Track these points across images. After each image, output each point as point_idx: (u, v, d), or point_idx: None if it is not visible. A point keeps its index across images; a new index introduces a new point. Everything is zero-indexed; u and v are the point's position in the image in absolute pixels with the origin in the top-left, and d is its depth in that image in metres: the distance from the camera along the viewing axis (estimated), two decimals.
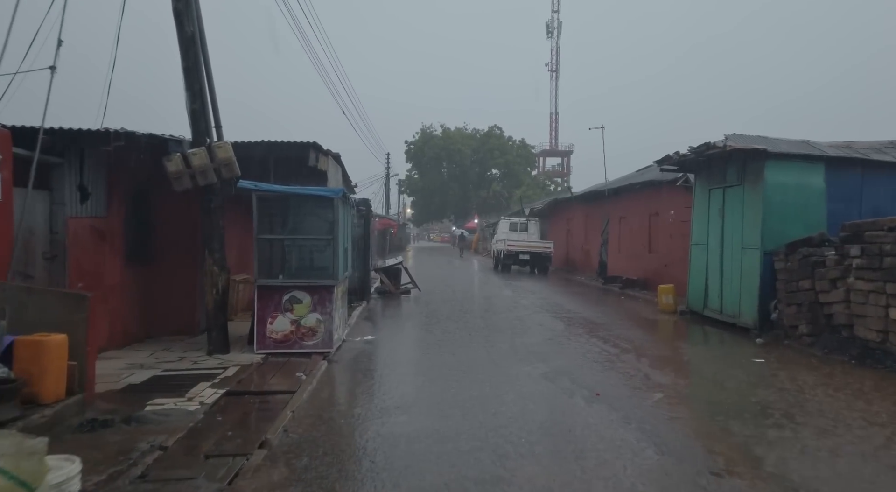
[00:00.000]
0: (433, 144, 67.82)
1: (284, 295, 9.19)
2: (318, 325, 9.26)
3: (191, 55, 8.73)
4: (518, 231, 30.39)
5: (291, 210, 9.41)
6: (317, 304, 9.26)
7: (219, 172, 8.86)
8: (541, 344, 10.12)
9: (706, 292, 12.95)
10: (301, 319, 9.21)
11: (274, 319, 9.17)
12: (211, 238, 9.09)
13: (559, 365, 8.40)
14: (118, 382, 7.30)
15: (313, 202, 9.34)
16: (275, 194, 9.13)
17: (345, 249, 10.41)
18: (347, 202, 10.64)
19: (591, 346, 9.95)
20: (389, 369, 8.51)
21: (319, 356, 9.09)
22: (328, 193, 9.24)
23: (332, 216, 9.24)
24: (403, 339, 11.11)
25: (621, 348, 9.70)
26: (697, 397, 6.85)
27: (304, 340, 9.21)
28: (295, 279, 9.29)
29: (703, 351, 10.26)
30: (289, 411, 6.24)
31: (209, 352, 9.01)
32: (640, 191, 20.20)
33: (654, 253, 19.59)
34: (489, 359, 8.94)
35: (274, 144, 10.13)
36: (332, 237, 9.26)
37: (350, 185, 20.51)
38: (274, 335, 9.16)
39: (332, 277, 9.26)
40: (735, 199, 11.87)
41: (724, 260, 12.22)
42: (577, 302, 16.93)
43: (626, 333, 11.38)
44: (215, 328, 9.09)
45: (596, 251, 25.68)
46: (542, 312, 14.53)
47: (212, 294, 9.07)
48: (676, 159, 12.70)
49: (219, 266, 9.08)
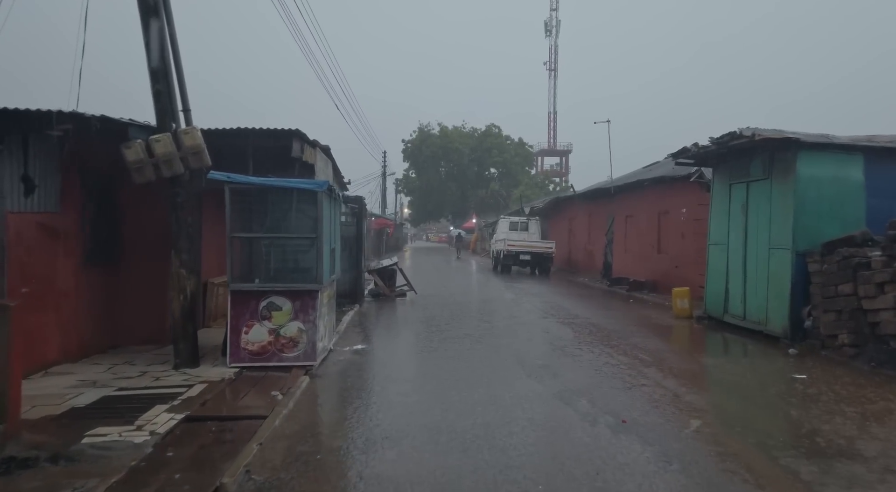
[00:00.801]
0: (431, 143, 66.84)
1: (262, 301, 8.14)
2: (300, 335, 8.20)
3: (153, 29, 7.67)
4: (518, 231, 29.37)
5: (270, 205, 8.35)
6: (298, 311, 8.21)
7: (186, 161, 7.81)
8: (549, 355, 9.07)
9: (726, 296, 11.91)
10: (280, 328, 8.16)
11: (250, 328, 8.12)
12: (178, 237, 8.02)
13: (573, 382, 7.36)
14: (60, 404, 6.23)
15: (294, 196, 8.29)
16: (250, 187, 8.07)
17: (332, 250, 9.36)
18: (335, 198, 9.58)
19: (605, 357, 8.91)
20: (380, 385, 7.45)
21: (301, 370, 8.04)
22: (311, 185, 8.18)
23: (316, 212, 8.19)
24: (397, 348, 10.06)
25: (640, 360, 8.66)
26: (742, 424, 5.79)
27: (283, 351, 8.16)
28: (274, 283, 8.24)
29: (733, 364, 9.20)
30: (255, 445, 5.18)
31: (175, 366, 7.95)
32: (649, 188, 19.17)
33: (664, 253, 18.55)
34: (493, 373, 7.89)
35: (251, 132, 9.07)
36: (316, 236, 8.20)
37: (342, 181, 19.45)
38: (249, 347, 8.10)
39: (315, 280, 8.21)
40: (760, 194, 10.83)
41: (747, 261, 11.18)
42: (583, 306, 15.88)
43: (642, 341, 10.33)
44: (182, 339, 8.02)
45: (600, 251, 24.65)
46: (547, 316, 13.49)
47: (178, 300, 8.00)
48: (695, 152, 11.66)
49: (187, 268, 8.01)
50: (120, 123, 7.64)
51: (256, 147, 10.12)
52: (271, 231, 8.37)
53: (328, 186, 8.35)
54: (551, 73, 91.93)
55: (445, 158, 67.30)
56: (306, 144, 10.61)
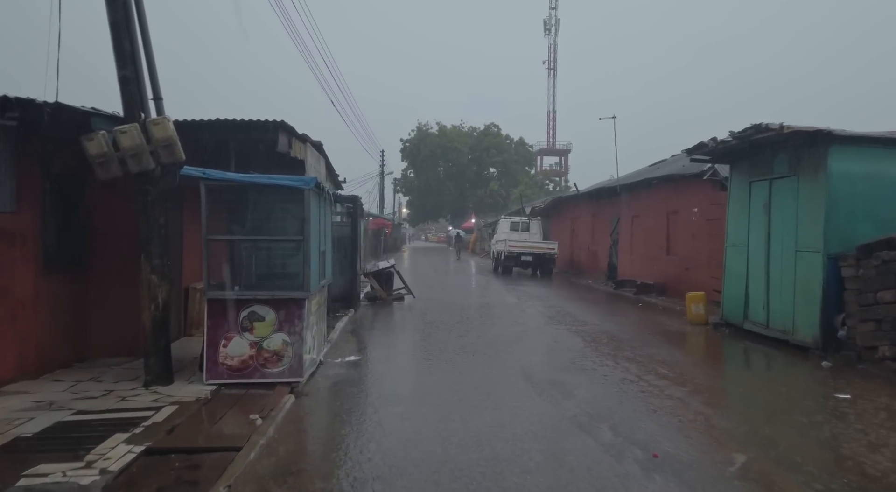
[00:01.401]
0: (429, 142, 66.06)
1: (242, 311, 7.33)
2: (285, 348, 7.40)
3: (119, 5, 6.85)
4: (519, 231, 28.58)
5: (251, 205, 7.55)
6: (283, 321, 7.40)
7: (157, 155, 7.00)
8: (561, 369, 8.26)
9: (746, 302, 11.11)
10: (263, 340, 7.35)
11: (229, 340, 7.30)
12: (149, 239, 7.21)
13: (590, 402, 6.55)
14: (4, 433, 5.42)
15: (278, 195, 7.48)
16: (228, 184, 7.26)
17: (322, 253, 8.55)
18: (325, 196, 8.77)
19: (622, 372, 8.11)
20: (373, 406, 6.64)
21: (286, 388, 7.24)
22: (296, 182, 7.36)
23: (303, 212, 7.38)
24: (393, 360, 9.25)
25: (661, 376, 7.86)
26: (793, 460, 4.94)
27: (266, 366, 7.35)
28: (255, 291, 7.43)
29: (764, 379, 8.34)
30: (222, 489, 4.38)
31: (146, 383, 7.14)
32: (657, 187, 18.36)
33: (673, 255, 17.75)
34: (499, 392, 7.09)
35: (231, 124, 8.26)
36: (303, 238, 7.39)
37: (337, 180, 18.63)
38: (228, 362, 7.29)
39: (302, 287, 7.40)
40: (786, 192, 10.03)
41: (770, 264, 10.38)
42: (590, 311, 15.08)
43: (659, 352, 9.53)
44: (154, 354, 7.21)
45: (604, 253, 23.85)
46: (554, 323, 12.68)
47: (149, 310, 7.19)
48: (712, 147, 10.86)
49: (158, 275, 7.20)
50: (80, 111, 6.83)
51: (240, 142, 9.34)
52: (253, 233, 7.57)
53: (316, 183, 7.54)
54: (550, 72, 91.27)
55: (444, 158, 66.54)
56: (295, 139, 9.80)
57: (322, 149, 13.55)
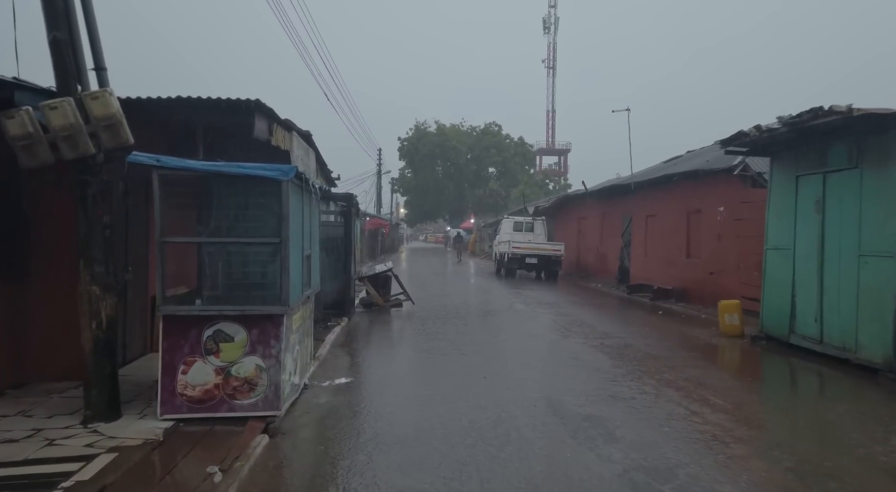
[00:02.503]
0: (427, 141, 64.76)
1: (206, 330, 5.98)
2: (259, 374, 6.04)
3: None
4: (523, 231, 27.27)
5: (217, 200, 6.18)
6: (256, 342, 6.05)
7: (98, 138, 5.64)
8: (593, 398, 6.90)
9: (793, 313, 9.76)
10: (231, 365, 6.00)
11: (189, 366, 5.95)
12: (89, 242, 5.84)
13: (640, 449, 5.20)
14: None
15: (250, 187, 6.12)
16: (187, 174, 5.90)
17: (306, 257, 7.19)
18: (311, 191, 7.40)
19: (666, 402, 6.75)
20: (366, 454, 5.28)
21: (259, 424, 5.90)
22: (272, 173, 5.99)
23: (280, 208, 6.02)
24: (390, 385, 7.88)
25: (716, 408, 6.50)
26: None
27: (236, 397, 6.00)
28: (222, 305, 6.07)
29: (843, 413, 6.67)
30: None
31: (85, 420, 5.77)
32: (677, 184, 17.00)
33: (695, 258, 16.41)
34: (524, 432, 5.73)
35: (195, 103, 6.86)
36: (281, 240, 6.03)
37: (329, 176, 17.27)
38: (189, 392, 5.93)
39: (279, 300, 6.04)
40: (844, 188, 8.70)
41: (825, 270, 9.04)
42: (608, 320, 13.72)
43: (701, 374, 8.18)
44: (96, 383, 5.84)
45: (615, 255, 22.52)
46: (571, 335, 11.33)
47: (90, 329, 5.83)
48: (754, 136, 9.51)
49: (101, 285, 5.83)
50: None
51: (211, 127, 8.00)
52: (219, 234, 6.20)
53: (296, 173, 6.17)
54: (550, 71, 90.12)
55: (443, 157, 65.26)
56: (277, 125, 8.45)
57: (311, 140, 12.18)
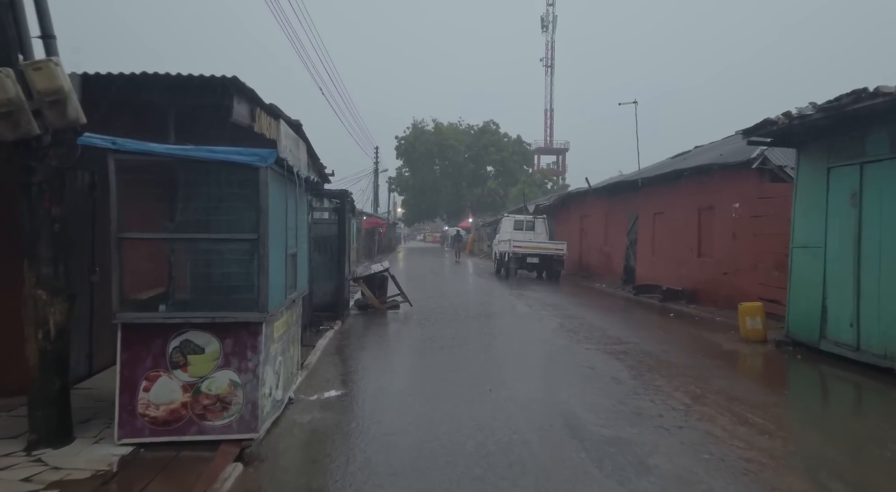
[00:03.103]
0: (425, 140, 63.97)
1: (172, 340, 5.18)
2: (233, 391, 5.24)
3: None
4: (524, 230, 26.50)
5: (184, 190, 5.36)
6: (230, 354, 5.25)
7: (42, 116, 4.83)
8: (615, 417, 6.08)
9: (824, 317, 8.98)
10: (202, 381, 5.20)
11: (153, 382, 5.15)
12: (34, 240, 5.04)
13: (679, 483, 4.39)
14: None
15: (223, 175, 5.30)
16: (148, 158, 5.07)
17: (290, 256, 6.39)
18: (296, 181, 6.57)
19: (699, 420, 5.96)
20: (355, 488, 4.47)
21: (233, 448, 5.11)
22: (248, 158, 5.18)
23: (258, 200, 5.21)
24: (387, 397, 7.06)
25: (758, 429, 5.70)
26: None
27: (206, 418, 5.19)
28: (190, 312, 5.26)
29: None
30: None
31: (29, 446, 4.98)
32: (688, 179, 16.20)
33: (707, 257, 15.62)
34: (540, 459, 4.92)
35: (161, 80, 6.06)
36: (259, 236, 5.22)
37: (323, 171, 16.44)
38: (152, 412, 5.13)
39: (257, 306, 5.23)
40: (886, 178, 7.92)
41: (861, 271, 8.26)
42: (617, 323, 12.93)
43: (732, 386, 7.39)
44: (42, 402, 5.04)
45: (619, 254, 21.73)
46: (581, 340, 10.53)
47: (35, 339, 5.03)
48: (783, 124, 8.71)
49: (49, 289, 5.03)
50: None
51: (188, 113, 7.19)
52: (186, 230, 5.37)
53: (277, 158, 5.35)
54: (548, 70, 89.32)
55: (440, 156, 64.49)
56: (261, 110, 7.65)
57: (301, 130, 11.36)
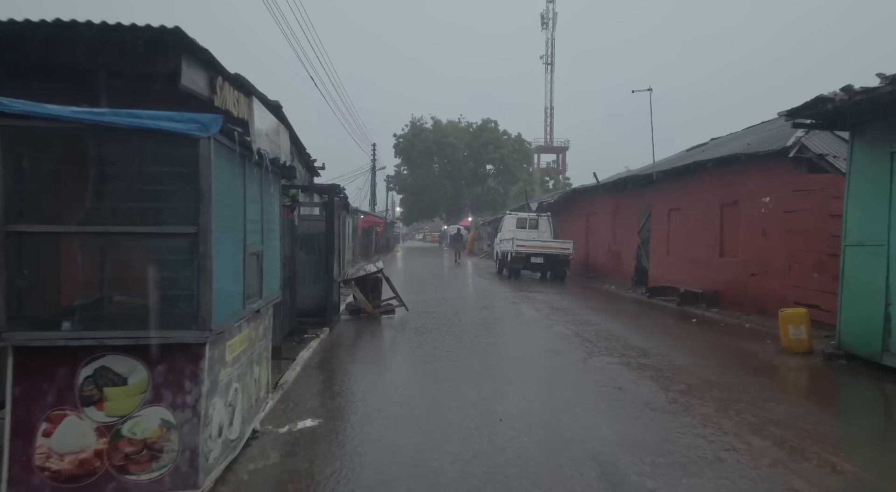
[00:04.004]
0: (423, 138, 62.78)
1: (82, 368, 3.90)
2: (166, 434, 3.95)
3: None
4: (527, 229, 25.24)
5: (96, 167, 4.05)
6: (162, 385, 3.97)
7: None
8: (661, 459, 4.79)
9: (886, 326, 7.71)
10: (123, 422, 3.93)
11: (56, 423, 3.87)
12: None
13: None
14: None
15: (151, 149, 4.00)
16: (49, 125, 3.77)
17: (251, 256, 5.10)
18: (257, 161, 5.24)
19: (771, 467, 4.68)
20: None
21: None
22: (181, 125, 3.86)
23: (198, 182, 3.91)
24: (374, 430, 5.75)
25: (850, 479, 4.42)
26: None
27: (129, 470, 3.91)
28: (106, 331, 3.95)
29: None
30: None
31: None
32: (709, 172, 14.91)
33: (731, 257, 14.33)
34: None
35: (84, 30, 4.76)
36: (198, 229, 3.93)
37: (311, 163, 15.16)
38: (54, 463, 3.85)
39: (196, 323, 3.93)
40: None
41: None
42: (637, 330, 11.65)
43: (794, 414, 6.11)
44: None
45: (630, 253, 20.47)
46: (600, 351, 9.24)
47: None
48: (841, 102, 7.43)
49: None
50: None
51: (133, 85, 5.95)
52: (100, 221, 4.06)
53: (224, 127, 4.03)
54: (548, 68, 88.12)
55: (439, 154, 63.31)
56: (224, 80, 6.41)
57: (282, 113, 10.08)
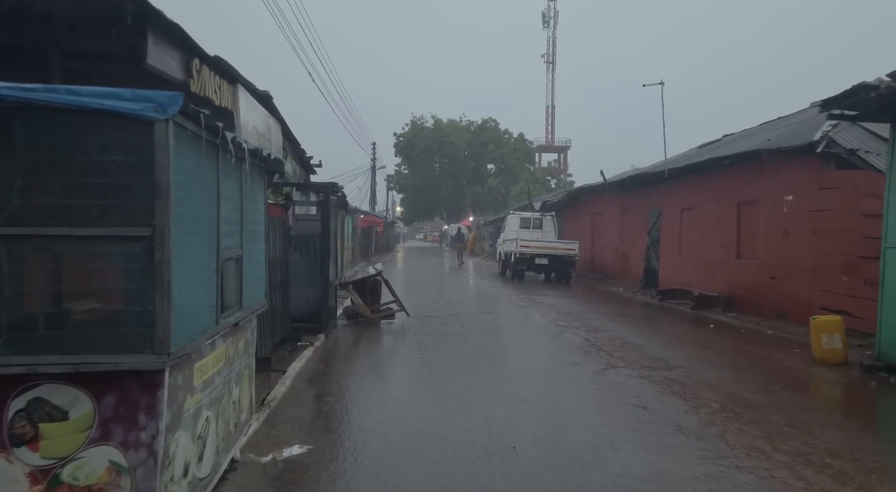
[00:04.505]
0: (424, 137, 62.14)
1: (11, 400, 3.19)
2: (115, 479, 3.25)
3: None
4: (531, 228, 24.53)
5: (27, 156, 3.33)
6: (110, 420, 3.26)
7: None
8: None
9: None
10: (63, 464, 3.22)
11: None
12: None
13: None
14: None
15: (90, 133, 3.28)
16: None
17: (227, 262, 4.39)
18: (239, 153, 4.51)
19: None
20: None
21: None
22: (133, 105, 3.15)
23: (152, 173, 3.20)
24: (372, 462, 5.05)
25: None
26: None
27: None
28: (39, 357, 3.23)
29: None
30: None
31: None
32: (725, 169, 14.20)
33: (749, 259, 13.62)
34: None
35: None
36: (153, 233, 3.22)
37: (306, 160, 14.45)
38: None
39: (151, 345, 3.22)
40: None
41: None
42: (653, 338, 10.96)
43: (848, 441, 5.43)
44: None
45: (639, 254, 19.76)
46: (619, 363, 8.54)
47: None
48: (887, 89, 6.73)
49: None
50: None
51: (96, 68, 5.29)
52: (32, 221, 3.34)
53: (184, 107, 3.32)
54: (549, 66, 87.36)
55: (440, 153, 62.67)
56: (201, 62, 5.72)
57: (273, 105, 9.41)
